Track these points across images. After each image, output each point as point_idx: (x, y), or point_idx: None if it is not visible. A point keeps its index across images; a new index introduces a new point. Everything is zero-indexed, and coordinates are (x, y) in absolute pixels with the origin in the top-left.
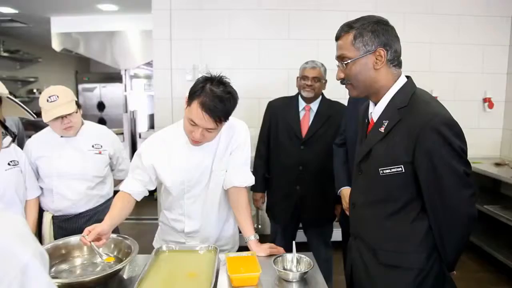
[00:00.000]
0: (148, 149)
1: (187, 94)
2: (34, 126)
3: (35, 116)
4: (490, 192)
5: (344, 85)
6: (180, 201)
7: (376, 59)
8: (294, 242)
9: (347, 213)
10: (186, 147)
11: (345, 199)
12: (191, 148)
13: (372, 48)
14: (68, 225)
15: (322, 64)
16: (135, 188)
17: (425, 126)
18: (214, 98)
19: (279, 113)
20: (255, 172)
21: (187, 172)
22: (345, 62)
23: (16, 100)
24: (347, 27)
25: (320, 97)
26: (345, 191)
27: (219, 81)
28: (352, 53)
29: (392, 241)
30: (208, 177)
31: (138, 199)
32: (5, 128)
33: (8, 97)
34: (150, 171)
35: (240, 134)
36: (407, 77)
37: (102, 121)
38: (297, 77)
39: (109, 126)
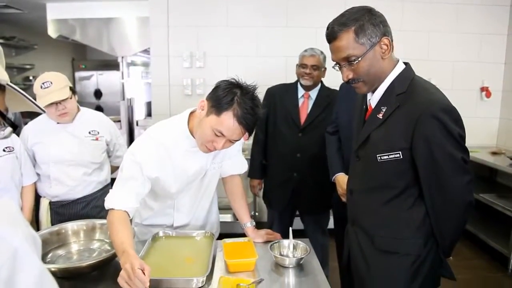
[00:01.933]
0: (152, 159)
1: (205, 99)
2: (29, 113)
3: (44, 110)
4: (486, 180)
5: (351, 84)
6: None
7: (382, 48)
8: (290, 228)
9: (343, 199)
10: (187, 152)
11: (340, 185)
12: (193, 152)
13: (376, 39)
14: (65, 211)
15: (322, 52)
16: (131, 204)
17: (423, 112)
18: (249, 109)
19: (278, 100)
20: (252, 158)
21: (190, 176)
22: (355, 62)
23: (21, 90)
24: (341, 26)
25: (320, 85)
26: (340, 177)
27: (246, 90)
28: (358, 50)
29: (389, 227)
30: (204, 173)
31: (131, 217)
32: (3, 117)
33: (8, 85)
34: (151, 182)
35: None
36: (405, 63)
37: (99, 109)
38: (297, 65)
39: (106, 114)
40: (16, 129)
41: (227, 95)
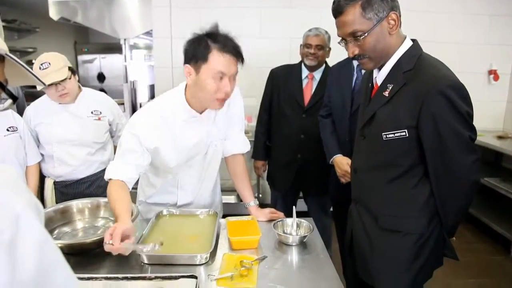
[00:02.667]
0: (150, 131)
1: (185, 64)
2: (32, 96)
3: (45, 83)
4: (491, 165)
5: (357, 60)
6: (174, 174)
7: (389, 24)
8: (294, 207)
9: (342, 180)
10: (186, 122)
11: (339, 166)
12: (191, 122)
13: (384, 14)
14: (69, 190)
15: (326, 32)
16: (129, 174)
17: (431, 89)
18: (224, 38)
19: (282, 81)
20: (256, 140)
21: (191, 149)
22: (361, 37)
23: (21, 61)
24: (348, 0)
25: (324, 65)
26: (338, 159)
27: (210, 33)
28: (365, 26)
29: (393, 206)
30: (206, 148)
31: (130, 188)
32: (3, 88)
33: (7, 55)
34: (150, 154)
35: (237, 99)
36: (413, 40)
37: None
38: (301, 45)
39: (110, 97)
40: (16, 100)
41: (199, 44)
